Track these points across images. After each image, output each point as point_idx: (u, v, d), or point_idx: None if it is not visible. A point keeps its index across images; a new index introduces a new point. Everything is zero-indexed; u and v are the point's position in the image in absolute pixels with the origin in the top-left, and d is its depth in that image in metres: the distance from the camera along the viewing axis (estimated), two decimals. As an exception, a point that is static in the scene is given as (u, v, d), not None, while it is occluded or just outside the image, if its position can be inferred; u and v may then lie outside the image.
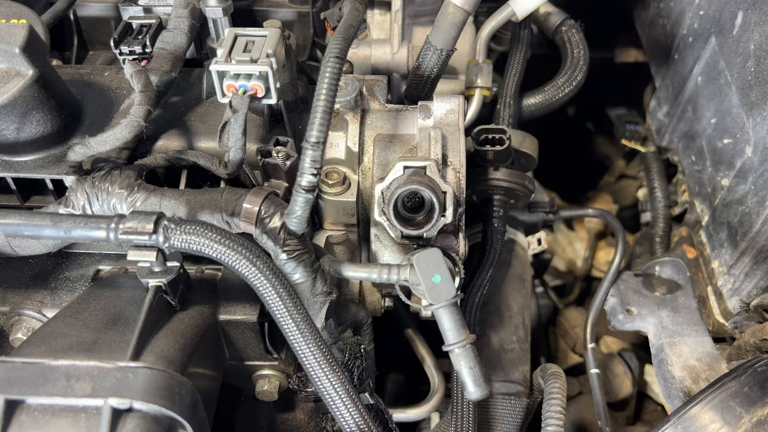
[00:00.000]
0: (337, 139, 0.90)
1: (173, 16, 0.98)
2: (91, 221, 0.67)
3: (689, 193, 1.25)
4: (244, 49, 0.80)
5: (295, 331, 0.68)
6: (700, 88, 1.18)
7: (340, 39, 0.76)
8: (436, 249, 0.71)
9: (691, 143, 1.23)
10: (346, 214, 0.90)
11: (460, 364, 0.69)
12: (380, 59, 1.18)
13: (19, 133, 0.81)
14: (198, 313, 0.78)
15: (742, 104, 1.02)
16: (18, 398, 0.58)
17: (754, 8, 1.00)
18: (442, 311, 0.70)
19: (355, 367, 0.84)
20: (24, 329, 0.82)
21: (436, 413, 1.06)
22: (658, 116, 1.37)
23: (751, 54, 1.00)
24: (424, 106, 0.91)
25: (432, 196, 0.79)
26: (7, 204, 0.87)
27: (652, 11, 1.37)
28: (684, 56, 1.24)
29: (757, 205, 0.98)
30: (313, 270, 0.76)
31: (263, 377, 0.87)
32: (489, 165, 1.03)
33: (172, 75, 0.92)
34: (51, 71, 0.84)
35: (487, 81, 1.20)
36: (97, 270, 0.86)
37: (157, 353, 0.67)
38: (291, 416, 0.97)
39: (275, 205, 0.76)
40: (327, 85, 0.70)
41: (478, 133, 1.00)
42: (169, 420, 0.60)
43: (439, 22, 0.93)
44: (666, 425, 0.81)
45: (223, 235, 0.67)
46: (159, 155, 0.85)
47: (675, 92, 1.29)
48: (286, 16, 1.15)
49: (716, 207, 1.11)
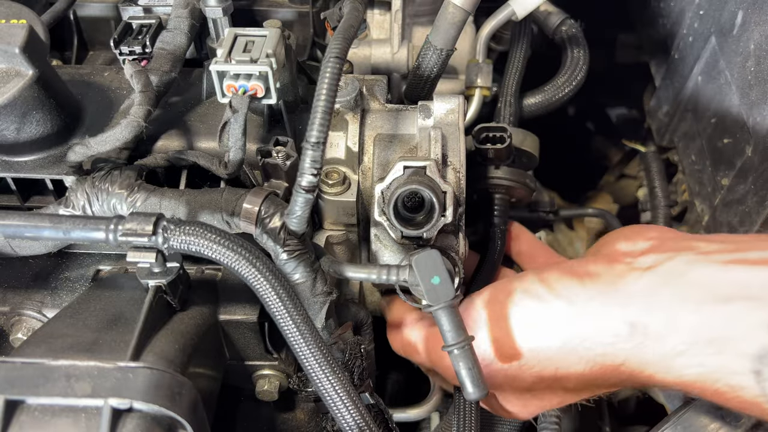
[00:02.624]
0: (337, 139, 0.90)
1: (173, 16, 0.98)
2: (91, 222, 0.67)
3: (689, 192, 1.25)
4: (243, 49, 0.80)
5: (295, 333, 0.68)
6: (700, 88, 1.17)
7: (340, 39, 0.76)
8: (435, 250, 0.71)
9: (691, 143, 1.23)
10: (346, 214, 0.90)
11: (459, 365, 0.69)
12: (380, 59, 1.18)
13: (19, 134, 0.81)
14: (198, 313, 0.78)
15: (742, 104, 1.02)
16: (18, 398, 0.58)
17: (754, 8, 1.00)
18: (441, 312, 0.70)
19: (355, 367, 0.84)
20: (24, 329, 0.82)
21: (436, 413, 1.06)
22: (658, 116, 1.37)
23: (751, 53, 1.00)
24: (424, 105, 0.91)
25: (432, 196, 0.79)
26: (7, 204, 0.87)
27: (652, 11, 1.37)
28: (684, 56, 1.24)
29: (757, 205, 0.98)
30: (313, 270, 0.76)
31: (263, 377, 0.87)
32: (490, 163, 1.03)
33: (172, 75, 0.92)
34: (51, 71, 0.84)
35: (487, 81, 1.20)
36: (97, 270, 0.86)
37: (157, 353, 0.67)
38: (291, 416, 0.97)
39: (275, 205, 0.76)
40: (327, 85, 0.70)
41: (478, 132, 1.00)
42: (169, 420, 0.60)
43: (438, 22, 0.93)
44: (666, 425, 0.81)
45: (222, 236, 0.67)
46: (159, 155, 0.85)
47: (675, 92, 1.28)
48: (286, 16, 1.15)
49: (716, 207, 1.11)
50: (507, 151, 1.01)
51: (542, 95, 1.24)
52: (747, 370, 0.60)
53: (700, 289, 0.64)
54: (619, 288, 0.69)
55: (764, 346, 0.59)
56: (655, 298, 0.66)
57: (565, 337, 0.71)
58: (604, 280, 0.70)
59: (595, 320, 0.69)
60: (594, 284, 0.71)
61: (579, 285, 0.72)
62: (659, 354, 0.65)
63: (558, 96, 1.24)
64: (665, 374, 0.66)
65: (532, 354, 0.74)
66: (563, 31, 1.25)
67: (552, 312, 0.73)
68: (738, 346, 0.61)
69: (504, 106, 1.21)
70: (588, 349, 0.70)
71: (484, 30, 1.21)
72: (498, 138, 1.01)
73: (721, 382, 0.62)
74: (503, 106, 1.21)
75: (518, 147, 1.08)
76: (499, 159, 1.02)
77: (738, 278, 0.62)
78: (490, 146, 1.00)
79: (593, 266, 0.72)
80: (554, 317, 0.72)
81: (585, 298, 0.70)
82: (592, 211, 1.43)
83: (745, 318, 0.61)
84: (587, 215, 1.46)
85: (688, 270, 0.65)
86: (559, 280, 0.73)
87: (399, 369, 1.19)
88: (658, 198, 1.36)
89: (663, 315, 0.65)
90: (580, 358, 0.71)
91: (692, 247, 0.67)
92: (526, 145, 1.11)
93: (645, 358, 0.66)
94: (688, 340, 0.63)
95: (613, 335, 0.68)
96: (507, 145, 0.99)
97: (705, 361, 0.62)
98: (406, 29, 1.20)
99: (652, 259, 0.68)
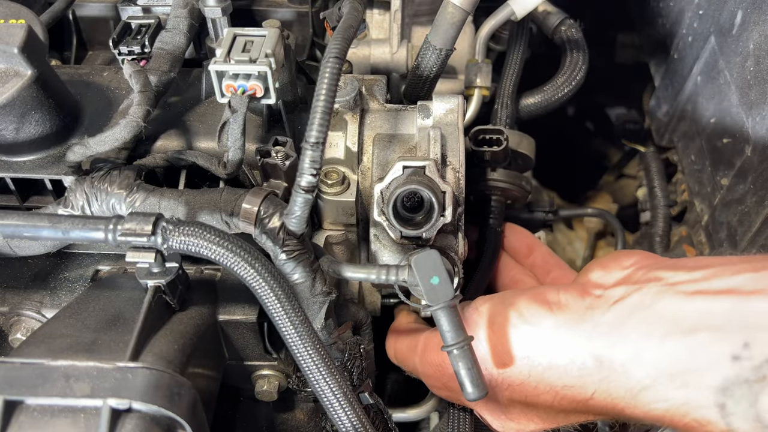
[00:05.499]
0: (337, 139, 0.90)
1: (172, 16, 0.98)
2: (90, 222, 0.66)
3: (689, 192, 1.25)
4: (242, 49, 0.80)
5: (293, 334, 0.68)
6: (700, 88, 1.17)
7: (339, 39, 0.76)
8: (434, 251, 0.71)
9: (690, 143, 1.22)
10: (346, 214, 0.90)
11: (458, 365, 0.69)
12: (379, 59, 1.18)
13: (18, 134, 0.81)
14: (197, 313, 0.78)
15: (742, 104, 1.02)
16: (17, 399, 0.58)
17: (753, 8, 1.00)
18: (440, 312, 0.70)
19: (354, 367, 0.84)
20: (23, 330, 0.82)
21: (435, 413, 1.06)
22: (658, 116, 1.37)
23: (750, 53, 1.00)
24: (423, 105, 0.91)
25: (431, 195, 0.79)
26: (7, 204, 0.87)
27: (652, 11, 1.37)
28: (683, 56, 1.24)
29: (756, 205, 0.98)
30: (312, 270, 0.76)
31: (263, 377, 0.87)
32: (486, 166, 1.03)
33: (170, 75, 0.92)
34: (50, 71, 0.84)
35: (486, 80, 1.20)
36: (96, 270, 0.86)
37: (156, 353, 0.67)
38: (290, 416, 0.97)
39: (274, 205, 0.76)
40: (326, 85, 0.70)
41: (475, 134, 1.00)
42: (169, 420, 0.60)
43: (438, 22, 0.93)
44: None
45: (221, 237, 0.66)
46: (158, 155, 0.85)
47: (674, 92, 1.28)
48: (285, 15, 1.15)
49: (716, 206, 1.11)
50: (503, 154, 1.01)
51: (542, 95, 1.24)
52: (711, 403, 0.58)
53: (665, 322, 0.62)
54: (586, 320, 0.67)
55: (727, 377, 0.57)
56: (621, 331, 0.65)
57: (532, 363, 0.70)
58: (572, 310, 0.69)
59: (562, 351, 0.68)
60: (563, 314, 0.70)
61: (547, 313, 0.71)
62: (625, 388, 0.64)
63: (557, 96, 1.24)
64: (634, 408, 0.64)
65: (502, 378, 0.73)
66: (562, 32, 1.25)
67: (520, 337, 0.72)
68: (702, 379, 0.59)
69: (501, 108, 1.21)
70: (556, 378, 0.69)
71: (483, 30, 1.21)
72: (494, 140, 1.01)
73: (688, 417, 0.60)
74: (500, 108, 1.21)
75: (514, 149, 1.08)
76: (496, 161, 1.02)
77: (701, 308, 0.61)
78: (487, 149, 1.01)
79: (564, 296, 0.71)
80: (522, 342, 0.71)
81: (552, 326, 0.69)
82: (592, 211, 1.42)
83: (708, 349, 0.59)
84: (587, 215, 1.46)
85: (654, 302, 0.64)
86: (528, 307, 0.72)
87: (398, 369, 1.19)
88: (657, 198, 1.36)
89: (628, 348, 0.64)
90: (550, 387, 0.70)
91: (660, 278, 0.66)
92: (523, 147, 1.11)
93: (612, 392, 0.65)
94: (652, 374, 0.62)
95: (580, 368, 0.67)
96: (503, 147, 1.00)
97: (670, 395, 0.61)
98: (406, 29, 1.20)
99: (621, 291, 0.67)
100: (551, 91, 1.24)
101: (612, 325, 0.66)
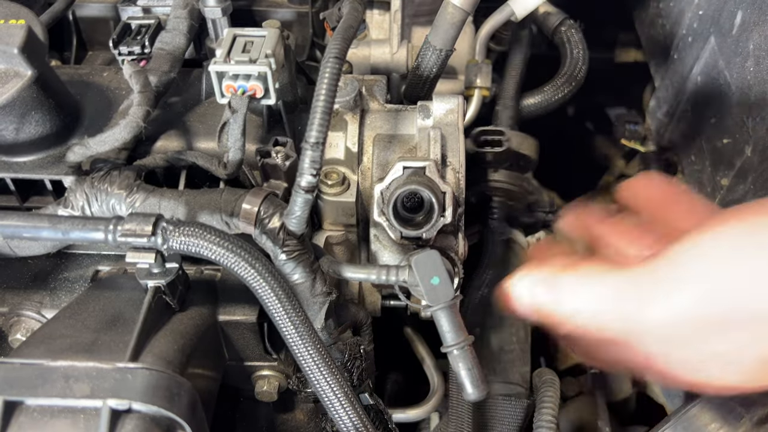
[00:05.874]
0: (337, 140, 0.90)
1: (172, 17, 0.98)
2: (90, 223, 0.66)
3: (689, 192, 1.25)
4: (242, 49, 0.80)
5: (293, 334, 0.68)
6: (700, 88, 1.17)
7: (339, 39, 0.76)
8: (435, 251, 0.71)
9: (690, 143, 1.22)
10: (346, 214, 0.90)
11: (458, 366, 0.69)
12: (379, 59, 1.18)
13: (17, 134, 0.81)
14: (197, 313, 0.78)
15: (742, 104, 1.02)
16: (17, 399, 0.58)
17: (753, 8, 1.00)
18: (440, 313, 0.70)
19: (354, 367, 0.84)
20: (23, 330, 0.82)
21: (435, 413, 1.06)
22: (658, 116, 1.37)
23: (750, 54, 1.00)
24: (423, 106, 0.91)
25: (431, 196, 0.79)
26: (6, 205, 0.87)
27: (652, 11, 1.37)
28: (683, 56, 1.24)
29: (756, 205, 0.97)
30: (312, 270, 0.76)
31: (263, 378, 0.87)
32: (488, 166, 1.03)
33: (171, 75, 0.92)
34: (50, 72, 0.84)
35: (486, 81, 1.20)
36: (96, 270, 0.86)
37: (156, 354, 0.67)
38: (290, 417, 0.96)
39: (274, 205, 0.76)
40: (326, 85, 0.70)
41: (477, 135, 1.00)
42: (168, 421, 0.60)
43: (438, 22, 0.93)
44: (666, 425, 0.81)
45: (221, 237, 0.66)
46: (158, 156, 0.85)
47: (674, 92, 1.28)
48: (285, 16, 1.15)
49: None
50: (505, 155, 1.01)
51: (542, 96, 1.24)
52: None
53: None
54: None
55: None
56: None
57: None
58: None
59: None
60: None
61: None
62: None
63: (557, 96, 1.24)
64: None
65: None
66: (562, 32, 1.25)
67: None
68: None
69: (502, 108, 1.21)
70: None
71: (483, 30, 1.21)
72: (496, 141, 1.01)
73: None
74: (501, 108, 1.21)
75: (516, 150, 1.08)
76: (497, 162, 1.02)
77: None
78: (489, 149, 1.01)
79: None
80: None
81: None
82: (592, 211, 1.42)
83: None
84: (587, 215, 1.45)
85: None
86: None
87: (399, 369, 1.19)
88: (657, 198, 1.36)
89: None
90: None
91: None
92: (524, 148, 1.11)
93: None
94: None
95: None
96: (505, 148, 1.00)
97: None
98: (406, 29, 1.20)
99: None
100: (551, 91, 1.24)
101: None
